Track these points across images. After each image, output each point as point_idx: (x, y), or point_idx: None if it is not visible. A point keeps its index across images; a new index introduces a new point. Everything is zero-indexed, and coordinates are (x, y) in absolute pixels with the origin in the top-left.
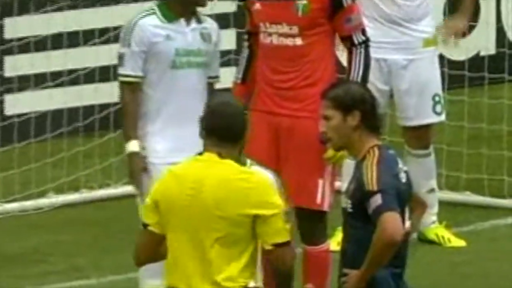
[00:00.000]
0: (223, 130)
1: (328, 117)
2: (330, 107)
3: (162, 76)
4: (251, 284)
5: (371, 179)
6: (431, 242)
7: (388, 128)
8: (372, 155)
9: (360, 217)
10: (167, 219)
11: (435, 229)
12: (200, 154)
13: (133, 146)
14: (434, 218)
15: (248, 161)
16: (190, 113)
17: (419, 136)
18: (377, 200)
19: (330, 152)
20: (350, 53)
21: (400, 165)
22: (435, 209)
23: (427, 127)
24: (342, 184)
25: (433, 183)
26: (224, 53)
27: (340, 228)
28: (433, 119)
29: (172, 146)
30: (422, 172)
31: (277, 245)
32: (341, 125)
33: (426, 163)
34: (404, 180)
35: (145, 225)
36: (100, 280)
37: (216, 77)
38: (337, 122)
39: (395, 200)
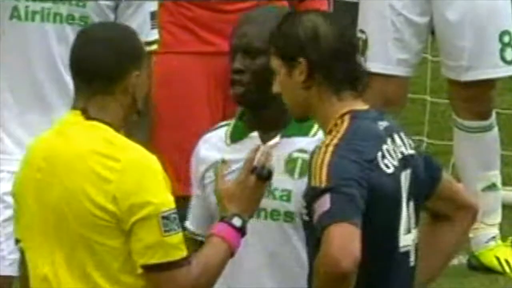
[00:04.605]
0: (85, 68)
1: (275, 71)
2: (273, 54)
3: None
4: None
5: (320, 169)
6: (488, 269)
7: (430, 81)
8: (337, 128)
9: None
10: (21, 224)
11: (496, 249)
12: None
13: None
14: (495, 231)
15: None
16: (43, 91)
17: (475, 97)
18: (323, 203)
19: None
20: None
21: (389, 145)
22: (497, 217)
23: (488, 83)
24: None
25: (495, 175)
26: None
27: None
28: (499, 71)
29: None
30: (476, 156)
31: (149, 268)
32: (287, 82)
33: (484, 142)
34: (390, 170)
35: (17, 241)
36: None
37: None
38: (282, 78)
39: (356, 204)
